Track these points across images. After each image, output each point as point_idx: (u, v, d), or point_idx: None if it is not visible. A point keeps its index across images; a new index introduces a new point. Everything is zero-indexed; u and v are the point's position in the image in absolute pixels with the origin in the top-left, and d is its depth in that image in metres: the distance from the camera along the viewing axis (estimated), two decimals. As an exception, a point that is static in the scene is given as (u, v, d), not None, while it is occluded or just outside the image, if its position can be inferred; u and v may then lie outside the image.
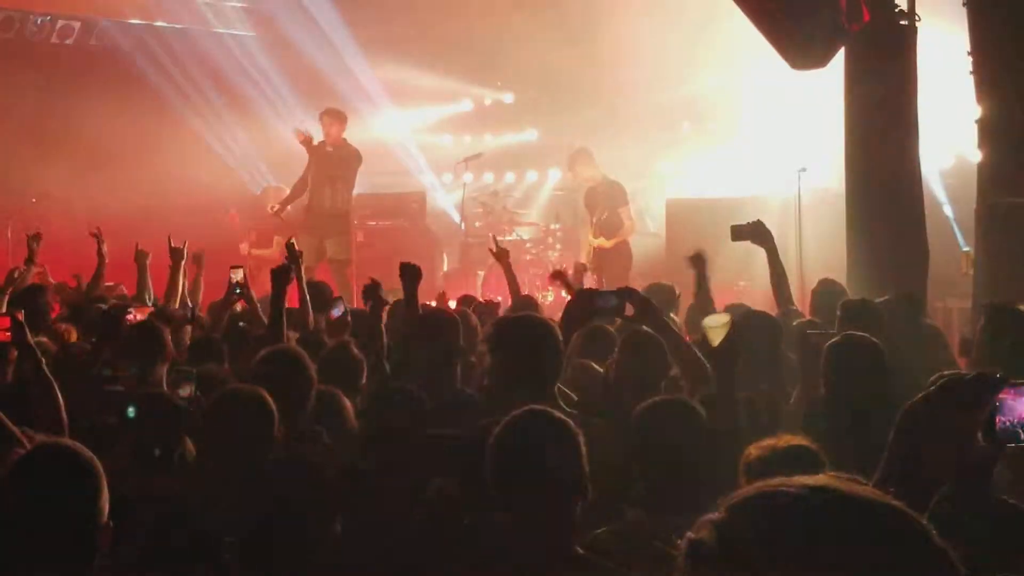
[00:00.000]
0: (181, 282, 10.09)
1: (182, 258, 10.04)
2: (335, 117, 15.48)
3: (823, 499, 1.73)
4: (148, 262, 10.42)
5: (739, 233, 8.13)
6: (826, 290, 8.52)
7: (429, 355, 6.31)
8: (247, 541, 4.30)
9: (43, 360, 5.72)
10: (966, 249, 11.28)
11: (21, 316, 6.03)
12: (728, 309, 8.52)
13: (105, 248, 10.51)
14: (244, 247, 17.04)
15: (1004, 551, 3.16)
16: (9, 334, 5.88)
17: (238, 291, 8.85)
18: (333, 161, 15.34)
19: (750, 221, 8.11)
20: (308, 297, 8.68)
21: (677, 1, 16.10)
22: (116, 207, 17.50)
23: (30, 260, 10.20)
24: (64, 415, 5.43)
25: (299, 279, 8.52)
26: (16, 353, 6.28)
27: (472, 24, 17.77)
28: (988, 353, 5.89)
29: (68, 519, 3.66)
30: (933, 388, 3.18)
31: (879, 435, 3.93)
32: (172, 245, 10.05)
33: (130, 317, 7.80)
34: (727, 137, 18.55)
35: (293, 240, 9.03)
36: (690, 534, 1.77)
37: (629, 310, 6.12)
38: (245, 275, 8.97)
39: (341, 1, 17.99)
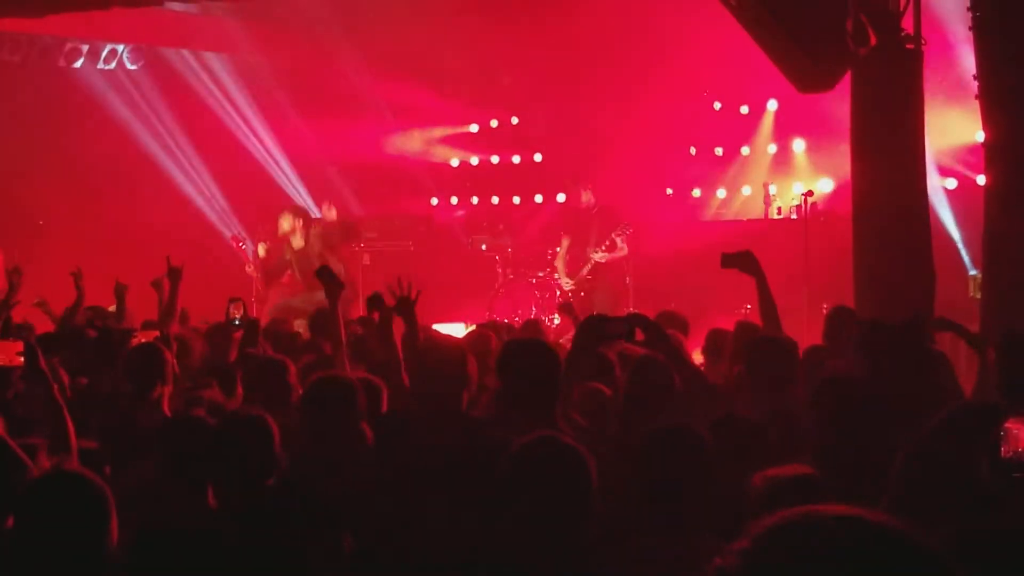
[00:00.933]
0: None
1: (180, 278, 9.54)
2: (295, 213, 15.70)
3: (851, 529, 1.71)
4: (126, 292, 10.33)
5: (728, 261, 8.09)
6: (839, 316, 8.52)
7: (434, 382, 6.28)
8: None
9: (55, 385, 5.72)
10: (973, 273, 11.28)
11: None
12: (740, 327, 8.55)
13: (83, 283, 10.32)
14: (250, 268, 16.98)
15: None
16: (22, 358, 5.87)
17: (236, 323, 8.73)
18: (311, 247, 15.47)
19: (740, 251, 8.07)
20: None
21: (681, 26, 16.14)
22: (123, 230, 17.55)
23: (7, 301, 9.87)
24: (75, 440, 5.43)
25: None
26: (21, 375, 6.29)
27: (477, 47, 17.80)
28: (1002, 382, 5.87)
29: (77, 545, 3.67)
30: (939, 417, 3.18)
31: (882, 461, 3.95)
32: (171, 265, 9.61)
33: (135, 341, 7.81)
34: (733, 161, 18.57)
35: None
36: (717, 562, 1.76)
37: (639, 335, 6.14)
38: (245, 308, 8.85)
39: (350, 26, 18.01)
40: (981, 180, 9.91)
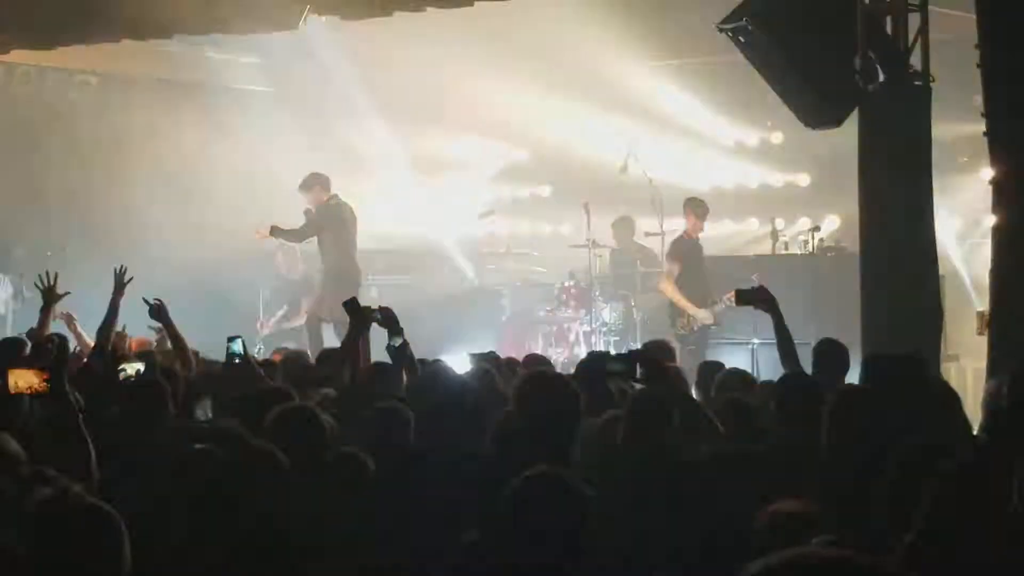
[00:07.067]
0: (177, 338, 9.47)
1: (165, 314, 9.43)
2: (305, 183, 15.57)
3: (837, 570, 1.75)
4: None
5: (743, 297, 8.12)
6: (827, 348, 8.51)
7: (441, 414, 6.27)
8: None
9: (80, 415, 5.70)
10: (980, 309, 11.28)
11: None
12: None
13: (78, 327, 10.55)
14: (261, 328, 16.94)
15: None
16: (47, 385, 5.85)
17: (237, 361, 8.61)
18: (317, 224, 15.44)
19: (754, 286, 8.10)
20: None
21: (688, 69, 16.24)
22: (136, 261, 17.57)
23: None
24: (95, 470, 5.42)
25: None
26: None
27: (486, 87, 17.83)
28: (1015, 424, 5.86)
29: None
30: (969, 457, 3.21)
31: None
32: (150, 304, 9.47)
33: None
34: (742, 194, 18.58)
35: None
36: None
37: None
38: (244, 344, 8.73)
39: (357, 59, 18.07)
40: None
